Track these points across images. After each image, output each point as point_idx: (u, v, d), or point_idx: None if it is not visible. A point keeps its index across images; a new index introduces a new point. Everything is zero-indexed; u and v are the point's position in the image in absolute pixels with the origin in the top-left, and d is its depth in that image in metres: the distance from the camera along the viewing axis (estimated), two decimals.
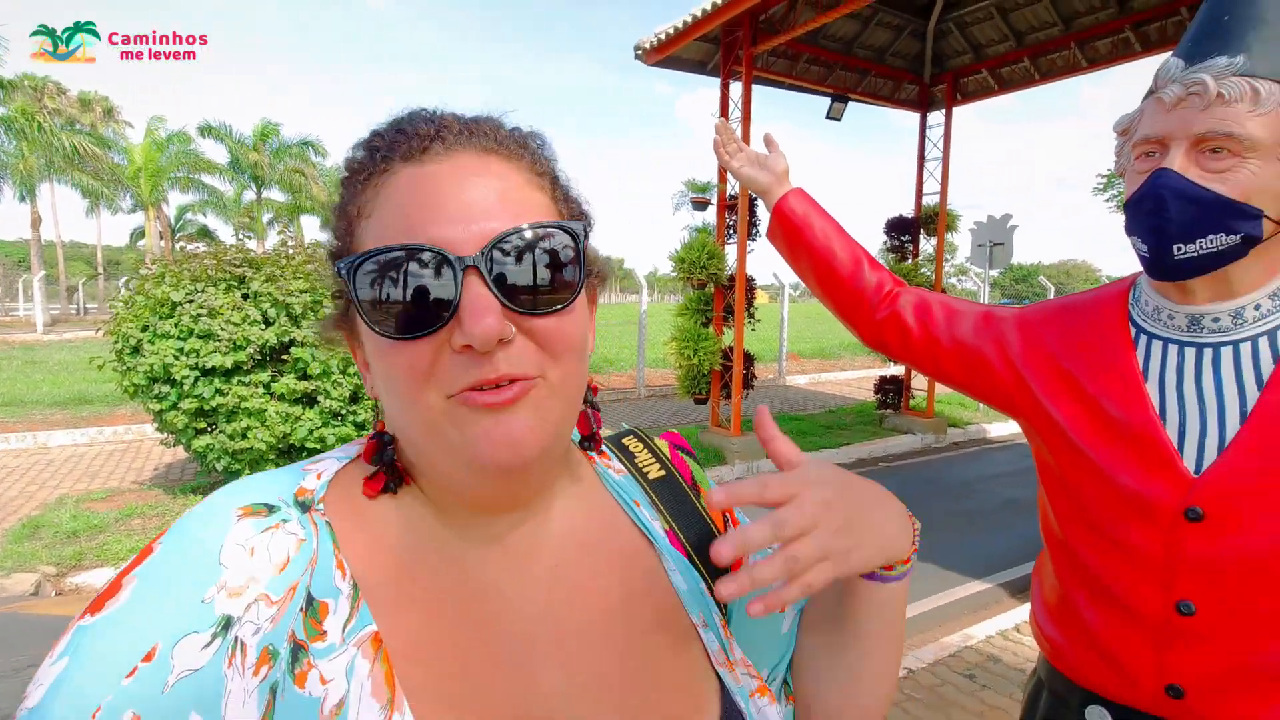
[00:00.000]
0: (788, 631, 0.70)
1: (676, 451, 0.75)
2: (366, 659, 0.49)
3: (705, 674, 0.61)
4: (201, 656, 0.44)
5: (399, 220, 0.49)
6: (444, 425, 0.49)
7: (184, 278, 5.30)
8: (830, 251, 1.31)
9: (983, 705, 3.16)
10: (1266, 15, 0.88)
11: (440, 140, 0.51)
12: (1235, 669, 0.93)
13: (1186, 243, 0.91)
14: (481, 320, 0.46)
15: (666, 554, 0.64)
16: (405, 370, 0.49)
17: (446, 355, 0.48)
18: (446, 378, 0.48)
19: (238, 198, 29.85)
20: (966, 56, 9.36)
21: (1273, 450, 0.89)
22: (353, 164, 0.54)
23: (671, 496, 0.69)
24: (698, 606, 0.63)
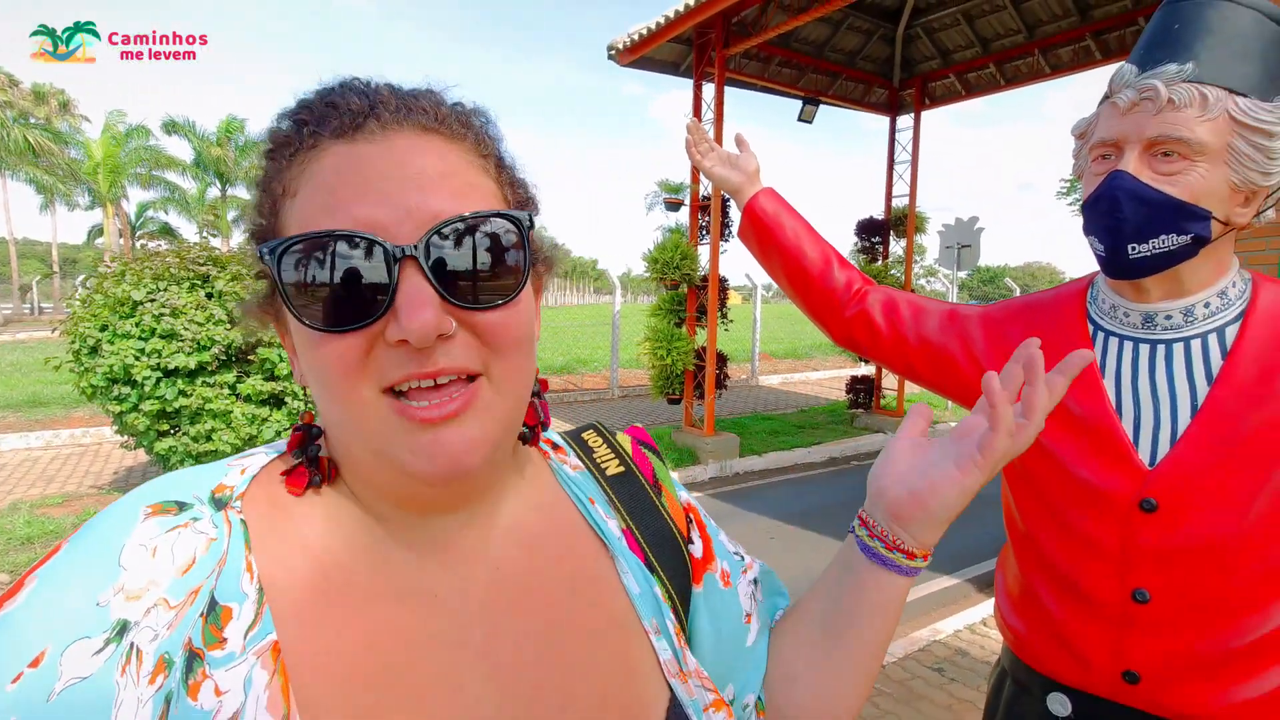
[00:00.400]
0: (753, 645, 0.67)
1: (639, 447, 0.72)
2: (265, 670, 0.45)
3: (655, 683, 0.58)
4: (92, 663, 0.41)
5: (329, 202, 0.45)
6: (376, 425, 0.47)
7: (145, 276, 5.17)
8: (800, 250, 1.32)
9: (951, 698, 3.22)
10: (1213, 25, 0.91)
11: (375, 117, 0.47)
12: (1187, 655, 0.96)
13: (1140, 243, 0.94)
14: (419, 314, 0.44)
15: (620, 555, 0.61)
16: (335, 363, 0.46)
17: (381, 348, 0.46)
18: (380, 371, 0.46)
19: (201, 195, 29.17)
20: (934, 61, 9.54)
21: (1221, 443, 0.93)
22: (277, 136, 0.50)
23: (630, 494, 0.66)
24: (651, 612, 0.60)
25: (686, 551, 0.65)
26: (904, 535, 0.60)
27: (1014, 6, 8.34)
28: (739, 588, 0.69)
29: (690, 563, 0.65)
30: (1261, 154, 0.90)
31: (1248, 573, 0.92)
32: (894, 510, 0.60)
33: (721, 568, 0.68)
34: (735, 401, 11.82)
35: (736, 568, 0.70)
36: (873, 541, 0.62)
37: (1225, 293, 0.97)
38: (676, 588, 0.63)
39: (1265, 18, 0.91)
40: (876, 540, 0.61)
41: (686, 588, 0.64)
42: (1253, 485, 0.91)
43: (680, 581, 0.63)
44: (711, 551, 0.68)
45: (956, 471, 0.58)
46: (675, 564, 0.64)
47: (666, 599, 0.61)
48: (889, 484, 0.61)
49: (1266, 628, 0.93)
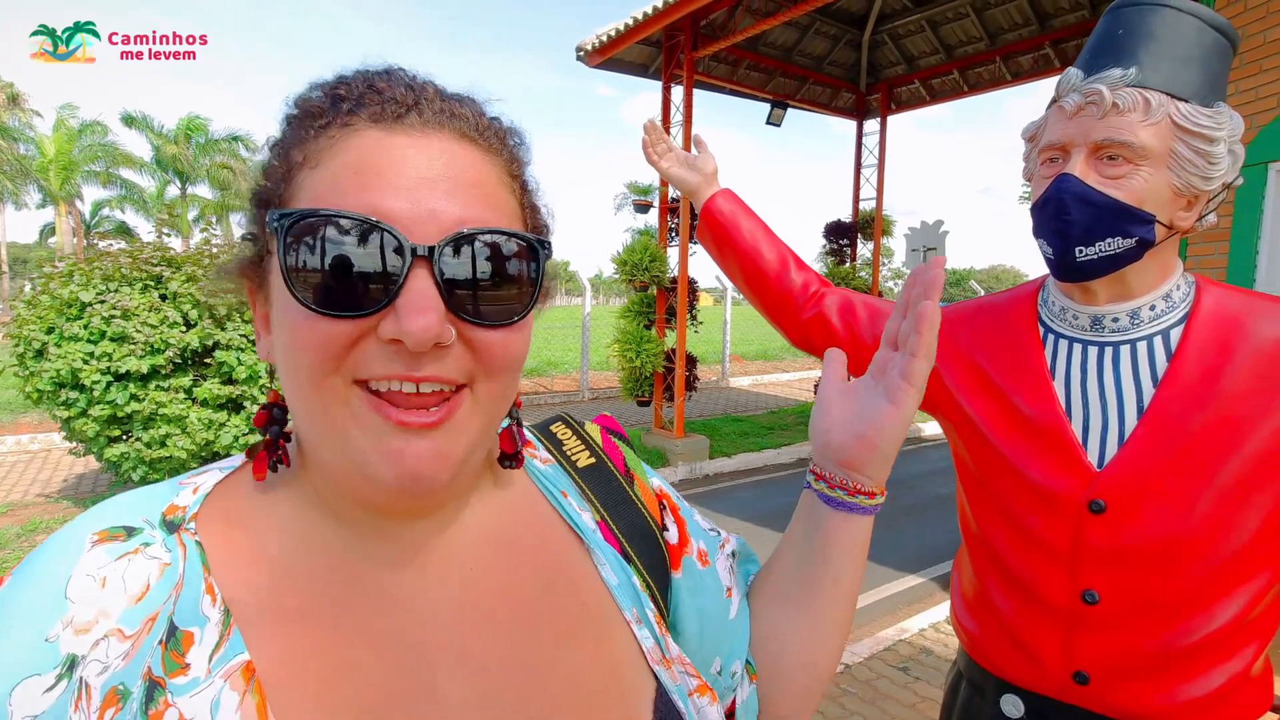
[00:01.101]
0: (736, 617, 0.68)
1: (609, 436, 0.71)
2: (235, 691, 0.44)
3: (640, 673, 0.57)
4: (44, 701, 0.40)
5: (352, 185, 0.44)
6: (343, 417, 0.45)
7: (94, 276, 4.99)
8: (757, 252, 1.31)
9: (916, 697, 3.25)
10: (1156, 31, 0.92)
11: (418, 112, 0.46)
12: (1134, 655, 0.97)
13: (1087, 245, 0.95)
14: (422, 317, 0.42)
15: (596, 547, 0.60)
16: (317, 347, 0.44)
17: (370, 342, 0.44)
18: (361, 364, 0.44)
19: (160, 193, 28.38)
20: (900, 67, 9.69)
21: (1166, 444, 0.94)
22: (308, 105, 0.48)
23: (602, 485, 0.65)
24: (630, 602, 0.59)
25: (662, 539, 0.65)
26: (861, 479, 0.63)
27: (976, 14, 8.52)
28: (717, 564, 0.69)
29: (666, 549, 0.65)
30: (1202, 159, 0.91)
31: (1192, 573, 0.93)
32: (845, 458, 0.63)
33: (698, 548, 0.68)
34: (706, 403, 11.85)
35: (713, 545, 0.71)
36: (834, 492, 0.64)
37: (1170, 295, 0.98)
38: (655, 576, 0.62)
39: (1206, 25, 0.92)
40: (838, 490, 0.64)
41: (665, 575, 0.64)
42: (1197, 486, 0.92)
43: (658, 569, 0.63)
44: (686, 534, 0.68)
45: (892, 406, 0.60)
46: (652, 552, 0.63)
47: (645, 588, 0.61)
48: (835, 435, 0.63)
49: (1210, 627, 0.94)
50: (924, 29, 9.06)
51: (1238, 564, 0.93)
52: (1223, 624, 0.94)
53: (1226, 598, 0.93)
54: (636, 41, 7.44)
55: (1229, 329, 0.94)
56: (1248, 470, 0.90)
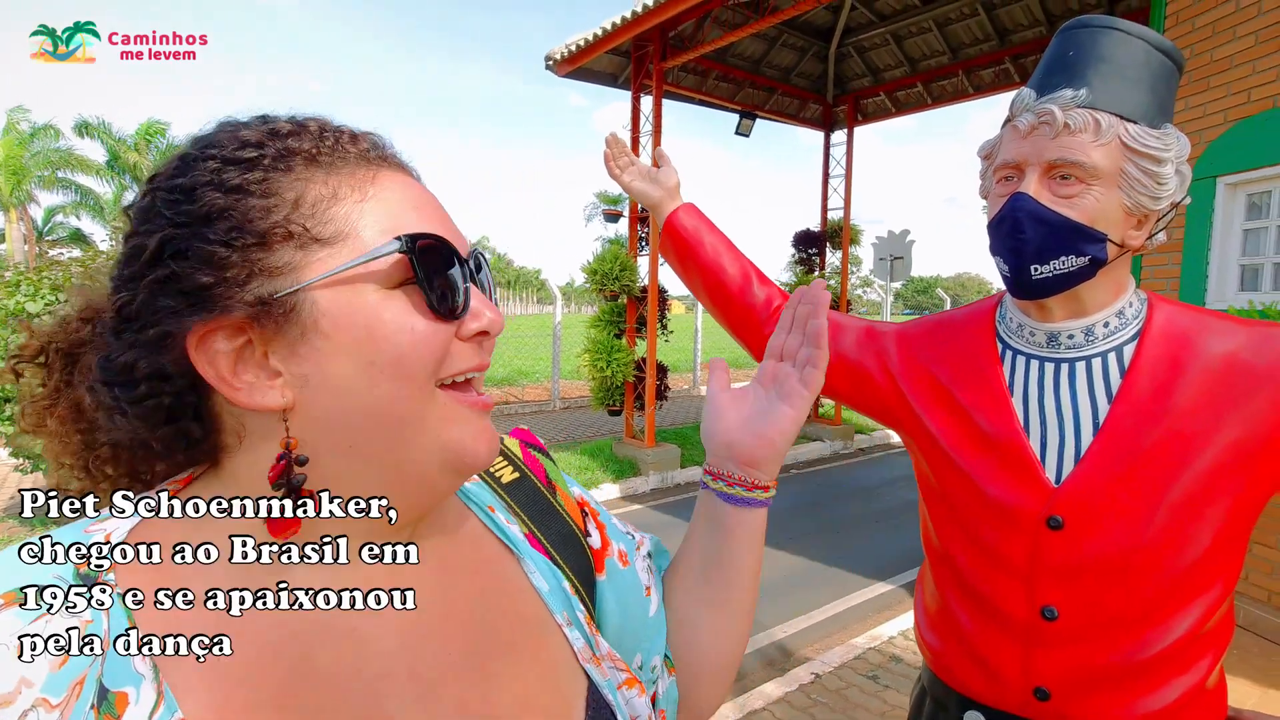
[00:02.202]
0: (655, 614, 0.72)
1: (528, 450, 0.73)
2: None
3: (573, 672, 0.60)
4: None
5: (412, 214, 0.51)
6: (429, 417, 0.50)
7: (43, 286, 4.82)
8: (720, 267, 1.31)
9: (885, 705, 3.26)
10: (1106, 54, 0.94)
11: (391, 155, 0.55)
12: (1094, 669, 0.97)
13: (1041, 264, 0.95)
14: (495, 310, 0.53)
15: (526, 557, 0.63)
16: (430, 350, 0.49)
17: (454, 343, 0.51)
18: (448, 362, 0.51)
19: (117, 199, 27.59)
20: (866, 79, 9.86)
21: (1121, 460, 0.94)
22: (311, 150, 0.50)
23: (526, 498, 0.68)
24: (561, 605, 0.62)
25: (586, 544, 0.69)
26: (759, 474, 0.70)
27: (939, 29, 8.71)
28: (636, 564, 0.74)
29: (591, 554, 0.69)
30: (1151, 179, 0.92)
31: (1148, 587, 0.94)
32: (745, 456, 0.69)
33: (618, 549, 0.73)
34: (678, 412, 11.86)
35: (630, 546, 0.75)
36: (733, 489, 0.70)
37: (1123, 312, 0.99)
38: (581, 579, 0.67)
39: (1153, 48, 0.94)
40: (736, 486, 0.70)
41: (590, 578, 0.68)
42: (1152, 501, 0.93)
43: (584, 573, 0.67)
44: (607, 537, 0.72)
45: (789, 409, 0.69)
46: (578, 558, 0.68)
47: (574, 591, 0.65)
48: (734, 436, 0.70)
49: (1167, 640, 0.95)
50: (889, 42, 9.24)
51: (1192, 577, 0.94)
52: (1179, 637, 0.94)
53: (1182, 611, 0.94)
54: (606, 51, 7.45)
55: (1179, 346, 0.95)
56: (1200, 485, 0.92)
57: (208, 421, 0.51)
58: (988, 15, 8.24)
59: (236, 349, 0.47)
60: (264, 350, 0.47)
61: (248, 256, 0.46)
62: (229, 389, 0.47)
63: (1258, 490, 0.93)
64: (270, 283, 0.46)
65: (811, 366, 0.68)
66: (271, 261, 0.46)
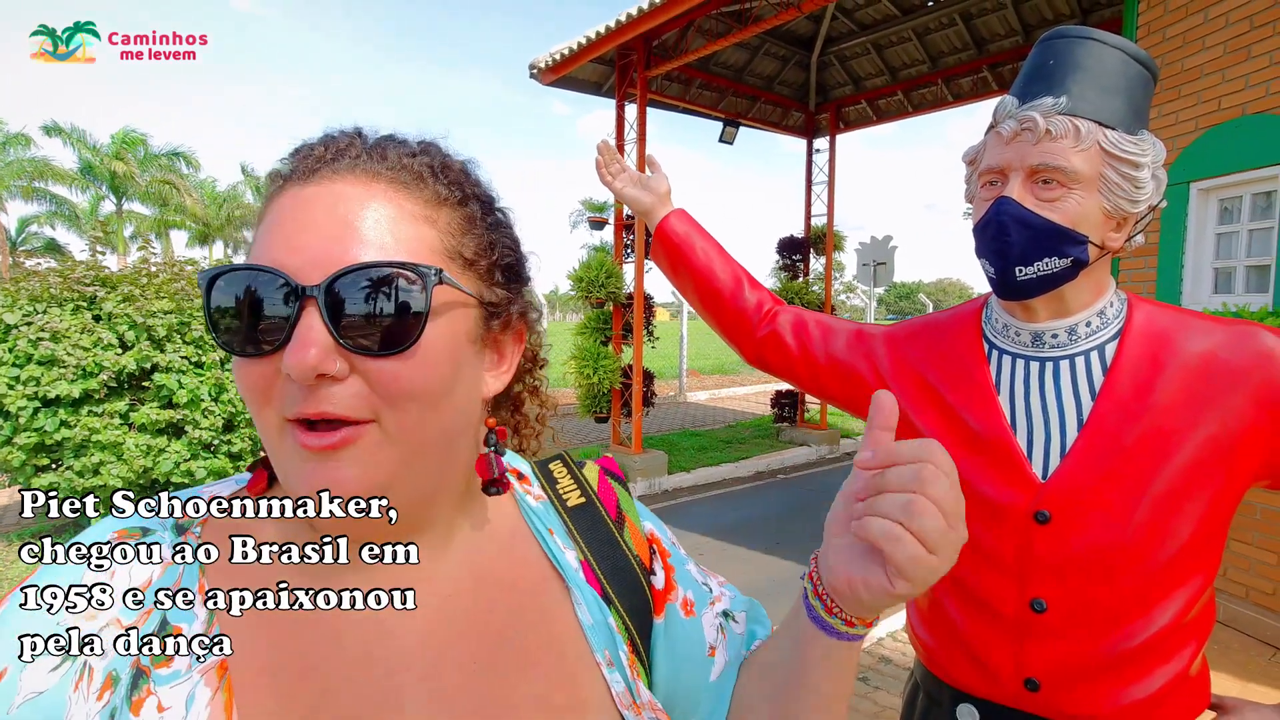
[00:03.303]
0: (717, 680, 0.65)
1: (606, 478, 0.72)
2: (209, 687, 0.47)
3: (607, 716, 0.58)
4: (50, 679, 0.44)
5: (265, 239, 0.49)
6: (280, 449, 0.50)
7: (20, 297, 4.74)
8: (711, 272, 1.33)
9: (876, 706, 3.29)
10: (1084, 62, 0.97)
11: (331, 163, 0.51)
12: (1081, 660, 1.00)
13: (1026, 265, 0.98)
14: (302, 352, 0.45)
15: (575, 586, 0.62)
16: (246, 387, 0.49)
17: (280, 380, 0.48)
18: (280, 401, 0.48)
19: (93, 209, 27.16)
20: (847, 88, 9.99)
21: (1106, 455, 0.97)
22: (269, 177, 0.54)
23: (589, 525, 0.66)
24: (604, 643, 0.60)
25: (647, 583, 0.66)
26: (842, 604, 0.55)
27: (918, 39, 8.85)
28: (703, 618, 0.68)
29: (651, 594, 0.66)
30: (1129, 183, 0.95)
31: (1132, 579, 0.97)
32: (833, 582, 0.54)
33: (684, 596, 0.68)
34: (664, 419, 11.87)
35: (703, 598, 0.69)
36: (814, 600, 0.56)
37: (1104, 312, 1.03)
38: (636, 620, 0.63)
39: (1129, 58, 0.98)
40: (818, 600, 0.56)
41: (647, 619, 0.64)
42: (1134, 495, 0.95)
43: (640, 613, 0.64)
44: (673, 581, 0.68)
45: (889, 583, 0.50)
46: (634, 595, 0.64)
47: (622, 630, 0.62)
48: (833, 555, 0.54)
49: (1151, 630, 0.97)
50: (869, 51, 9.37)
51: (1174, 568, 0.96)
52: (1162, 627, 0.97)
53: (1165, 601, 0.97)
54: (590, 60, 7.49)
55: (1159, 344, 0.98)
56: (1180, 479, 0.95)
57: None
58: (965, 25, 8.38)
59: None
60: None
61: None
62: None
63: (1235, 483, 0.96)
64: None
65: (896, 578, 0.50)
66: None
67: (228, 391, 5.08)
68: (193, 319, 5.03)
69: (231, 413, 5.10)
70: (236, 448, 5.17)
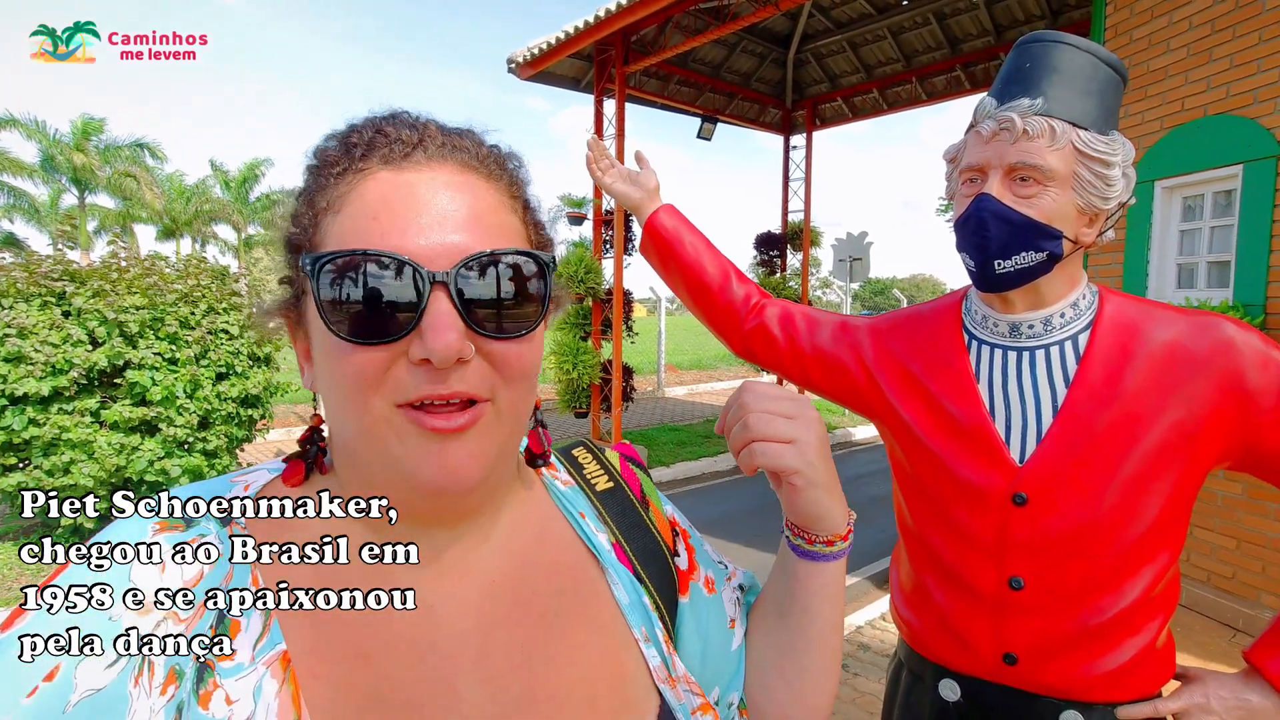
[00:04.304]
0: (738, 648, 0.71)
1: (627, 464, 0.74)
2: (275, 679, 0.48)
3: (645, 689, 0.60)
4: (106, 675, 0.44)
5: (371, 224, 0.48)
6: (386, 435, 0.49)
7: None
8: (700, 266, 1.36)
9: (855, 692, 3.36)
10: (1058, 65, 1.02)
11: (422, 149, 0.51)
12: (1056, 635, 1.05)
13: (1004, 259, 1.03)
14: (444, 336, 0.47)
15: (610, 567, 0.63)
16: (354, 374, 0.48)
17: (402, 365, 0.48)
18: (398, 387, 0.48)
19: (54, 202, 26.39)
20: (823, 85, 10.09)
21: (1079, 440, 1.02)
22: (326, 155, 0.53)
23: (619, 508, 0.68)
24: (640, 620, 0.62)
25: (672, 563, 0.68)
26: (810, 528, 0.66)
27: (893, 37, 8.97)
28: (723, 594, 0.72)
29: (676, 574, 0.68)
30: (1101, 181, 1.00)
31: (1104, 556, 1.02)
32: (790, 518, 0.67)
33: (705, 575, 0.71)
34: (642, 414, 11.91)
35: (720, 575, 0.74)
36: (796, 540, 0.67)
37: (1077, 304, 1.08)
38: (664, 598, 0.66)
39: (1100, 61, 1.03)
40: (799, 539, 0.67)
41: (673, 598, 0.67)
42: (1105, 477, 1.01)
43: (667, 592, 0.66)
44: (695, 561, 0.71)
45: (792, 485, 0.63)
46: (662, 575, 0.67)
47: (654, 608, 0.64)
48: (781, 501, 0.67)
49: (1121, 605, 1.03)
50: (845, 49, 9.48)
51: (1143, 546, 1.02)
52: (1131, 601, 1.03)
53: (1134, 577, 1.03)
54: (568, 55, 7.48)
55: (1128, 334, 1.03)
56: (1148, 461, 1.00)
57: None
58: (939, 25, 8.52)
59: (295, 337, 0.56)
60: (306, 345, 0.55)
61: (288, 260, 0.54)
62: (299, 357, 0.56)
63: (1199, 465, 1.01)
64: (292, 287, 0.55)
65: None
66: (295, 267, 0.53)
67: (203, 388, 5.00)
68: (166, 314, 4.94)
69: (207, 410, 5.02)
70: (212, 445, 5.09)
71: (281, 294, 0.57)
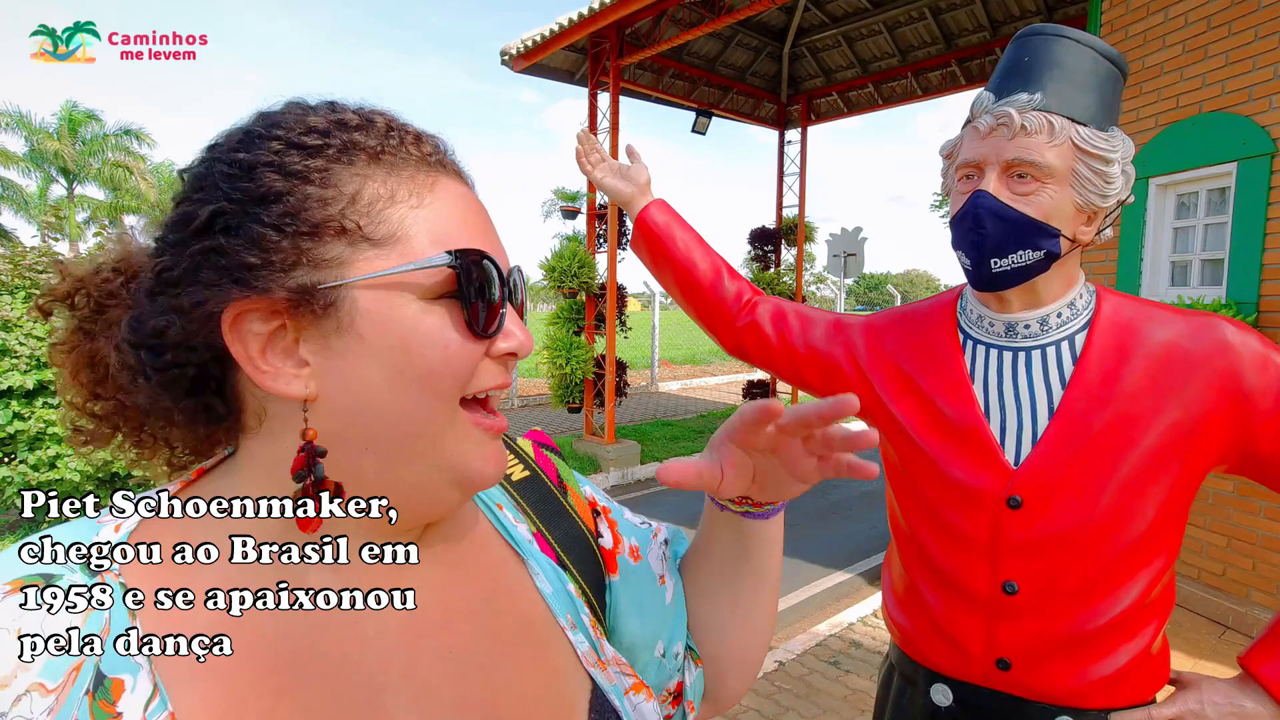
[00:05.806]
0: (671, 601, 0.73)
1: (541, 450, 0.73)
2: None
3: (576, 677, 0.59)
4: None
5: (463, 228, 0.51)
6: (449, 434, 0.50)
7: None
8: (691, 262, 1.33)
9: (847, 689, 3.36)
10: (1058, 60, 0.99)
11: (450, 159, 0.55)
12: (1050, 640, 1.03)
13: (1001, 258, 1.01)
14: (527, 334, 0.53)
15: (531, 558, 0.62)
16: (457, 368, 0.49)
17: (484, 360, 0.51)
18: (477, 378, 0.51)
19: (42, 192, 26.10)
20: (818, 80, 10.06)
21: (1075, 442, 1.00)
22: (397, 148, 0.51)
23: (536, 497, 0.68)
24: (565, 608, 0.62)
25: (596, 545, 0.68)
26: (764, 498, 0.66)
27: (888, 32, 8.95)
28: (649, 556, 0.73)
29: (601, 555, 0.68)
30: (1100, 178, 0.98)
31: (1100, 560, 1.00)
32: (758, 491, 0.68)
33: (629, 545, 0.72)
34: (636, 409, 11.90)
35: (645, 538, 0.75)
36: (744, 508, 0.68)
37: (1074, 304, 1.06)
38: (590, 582, 0.66)
39: (1100, 56, 1.00)
40: (747, 505, 0.68)
41: (600, 579, 0.67)
42: (1101, 479, 0.99)
43: (594, 575, 0.66)
44: (618, 534, 0.71)
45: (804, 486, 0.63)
46: (586, 559, 0.67)
47: (580, 594, 0.64)
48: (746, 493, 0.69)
49: (1116, 610, 1.01)
50: (840, 44, 9.44)
51: (1138, 550, 1.00)
52: (1126, 606, 1.01)
53: (1130, 582, 1.01)
54: (562, 48, 7.42)
55: (1125, 334, 1.02)
56: (1144, 464, 0.98)
57: (231, 400, 0.51)
58: (935, 19, 8.49)
59: (270, 332, 0.47)
60: (296, 338, 0.47)
61: (297, 244, 0.46)
62: (256, 371, 0.47)
63: (1196, 467, 1.00)
64: (315, 274, 0.46)
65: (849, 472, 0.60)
66: (320, 253, 0.46)
67: None
68: None
69: None
70: None
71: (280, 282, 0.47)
